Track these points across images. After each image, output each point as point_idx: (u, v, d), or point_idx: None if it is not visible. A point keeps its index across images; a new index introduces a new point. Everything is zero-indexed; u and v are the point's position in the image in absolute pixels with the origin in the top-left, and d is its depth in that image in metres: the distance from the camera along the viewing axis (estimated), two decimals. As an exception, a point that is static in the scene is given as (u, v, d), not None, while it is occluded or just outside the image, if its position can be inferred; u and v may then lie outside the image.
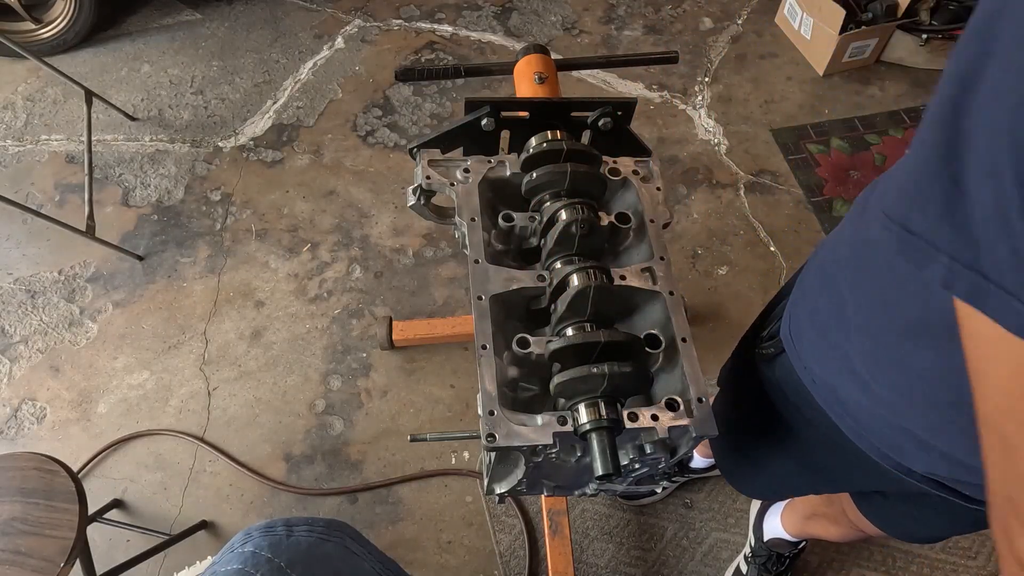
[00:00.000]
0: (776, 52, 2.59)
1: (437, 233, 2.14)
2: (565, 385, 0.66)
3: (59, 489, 1.23)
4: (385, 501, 1.70)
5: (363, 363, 1.91)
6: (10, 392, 1.86)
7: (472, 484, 1.72)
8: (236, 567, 0.61)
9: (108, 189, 2.24)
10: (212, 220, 2.17)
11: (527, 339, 0.73)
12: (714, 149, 2.35)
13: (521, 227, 0.85)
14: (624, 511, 1.69)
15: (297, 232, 2.15)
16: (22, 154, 2.33)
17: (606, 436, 0.65)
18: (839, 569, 1.63)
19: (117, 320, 1.98)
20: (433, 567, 1.63)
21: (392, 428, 1.81)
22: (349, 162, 2.31)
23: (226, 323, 1.97)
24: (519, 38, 2.67)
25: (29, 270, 2.07)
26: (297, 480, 1.73)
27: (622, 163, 0.91)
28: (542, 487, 0.85)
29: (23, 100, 2.46)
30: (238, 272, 2.07)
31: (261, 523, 0.67)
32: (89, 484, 1.71)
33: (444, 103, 2.47)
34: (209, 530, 1.67)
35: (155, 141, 2.36)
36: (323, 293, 2.03)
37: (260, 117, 2.43)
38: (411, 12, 2.76)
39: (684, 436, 0.73)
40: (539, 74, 1.21)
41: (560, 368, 0.71)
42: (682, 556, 1.65)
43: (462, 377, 1.88)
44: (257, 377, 1.88)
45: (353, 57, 2.61)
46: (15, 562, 1.15)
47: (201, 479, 1.73)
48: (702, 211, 2.20)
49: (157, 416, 1.82)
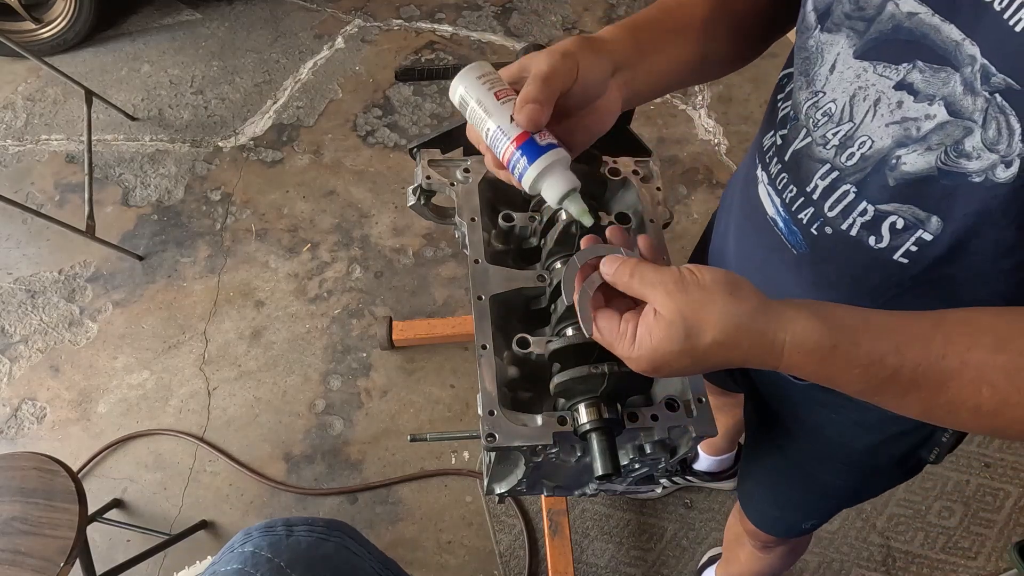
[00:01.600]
0: (776, 52, 2.58)
1: (437, 233, 2.14)
2: (565, 385, 0.66)
3: (59, 489, 1.23)
4: (385, 501, 1.70)
5: (363, 363, 1.91)
6: (10, 392, 1.86)
7: (472, 484, 1.72)
8: (236, 567, 0.61)
9: (108, 189, 2.24)
10: (212, 220, 2.18)
11: (527, 339, 0.73)
12: (714, 149, 2.35)
13: (521, 227, 0.85)
14: (624, 511, 1.70)
15: (297, 232, 2.15)
16: (22, 154, 2.33)
17: (606, 436, 0.65)
18: (839, 569, 1.63)
19: (117, 320, 1.98)
20: (433, 567, 1.63)
21: (392, 428, 1.81)
22: (349, 162, 2.31)
23: (226, 323, 1.97)
24: (519, 38, 2.67)
25: (29, 270, 2.07)
26: (297, 480, 1.73)
27: (622, 163, 0.91)
28: (542, 487, 0.85)
29: (23, 100, 2.46)
30: (238, 272, 2.07)
31: (261, 523, 0.67)
32: (89, 484, 1.71)
33: (444, 103, 2.47)
34: (209, 530, 1.67)
35: (155, 141, 2.36)
36: (323, 293, 2.03)
37: (260, 117, 2.43)
38: (411, 12, 2.76)
39: (684, 436, 0.73)
40: (539, 74, 1.21)
41: (560, 368, 0.71)
42: (682, 556, 1.65)
43: (462, 377, 1.88)
44: (257, 377, 1.88)
45: (353, 57, 2.61)
46: (15, 562, 1.15)
47: (201, 479, 1.73)
48: (702, 211, 2.20)
49: (157, 416, 1.82)
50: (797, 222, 0.65)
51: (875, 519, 1.69)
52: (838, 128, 0.59)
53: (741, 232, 0.78)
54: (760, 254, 0.73)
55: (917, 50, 0.52)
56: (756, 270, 0.74)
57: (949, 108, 0.50)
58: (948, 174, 0.52)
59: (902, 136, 0.54)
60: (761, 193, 0.70)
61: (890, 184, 0.55)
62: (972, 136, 0.49)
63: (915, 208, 0.55)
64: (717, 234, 0.91)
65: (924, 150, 0.52)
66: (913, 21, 0.51)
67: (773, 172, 0.68)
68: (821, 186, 0.61)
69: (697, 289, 0.48)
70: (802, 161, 0.63)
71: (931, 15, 0.50)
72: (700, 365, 0.50)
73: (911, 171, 0.54)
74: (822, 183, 0.61)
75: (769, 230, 0.69)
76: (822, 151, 0.61)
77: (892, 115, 0.54)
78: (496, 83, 0.57)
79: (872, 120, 0.56)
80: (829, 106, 0.59)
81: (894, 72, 0.54)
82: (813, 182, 0.62)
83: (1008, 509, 1.71)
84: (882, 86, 0.55)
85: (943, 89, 0.50)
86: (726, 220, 0.85)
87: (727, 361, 0.49)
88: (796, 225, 0.65)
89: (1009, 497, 1.72)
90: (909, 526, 1.69)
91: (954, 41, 0.49)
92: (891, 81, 0.54)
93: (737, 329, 0.47)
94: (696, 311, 0.48)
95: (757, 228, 0.72)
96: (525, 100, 0.53)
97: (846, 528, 1.68)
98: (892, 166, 0.55)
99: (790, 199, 0.65)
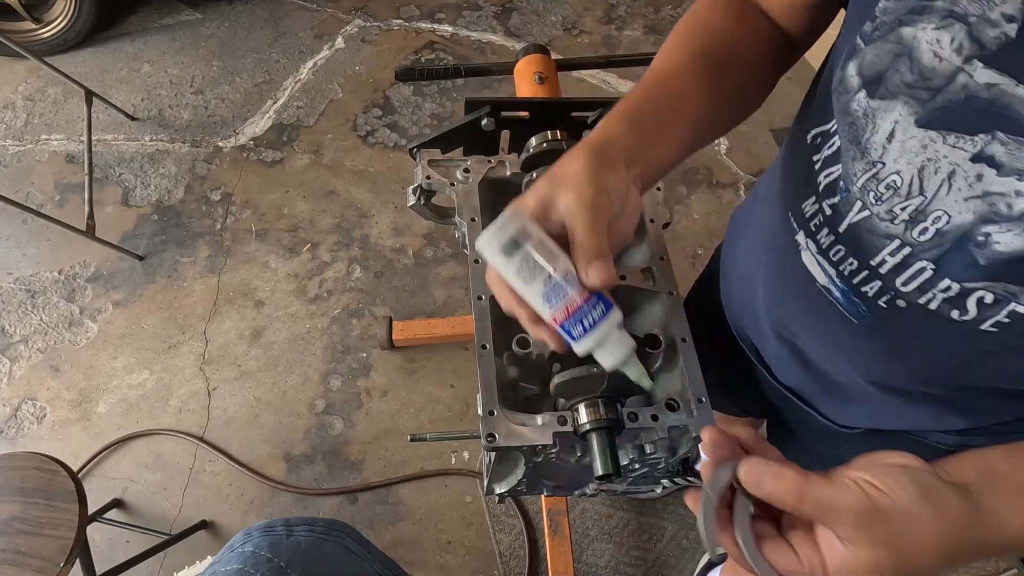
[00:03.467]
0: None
1: (437, 233, 2.14)
2: (565, 385, 0.66)
3: (59, 489, 1.23)
4: (385, 501, 1.70)
5: (363, 363, 1.91)
6: (10, 392, 1.86)
7: (472, 484, 1.72)
8: (236, 567, 0.61)
9: (108, 189, 2.24)
10: (212, 220, 2.18)
11: (527, 339, 0.73)
12: (714, 149, 2.35)
13: (521, 227, 0.85)
14: (624, 511, 1.69)
15: (297, 232, 2.15)
16: (22, 154, 2.33)
17: (606, 436, 0.65)
18: (839, 569, 1.63)
19: (117, 320, 1.98)
20: (433, 567, 1.63)
21: (392, 428, 1.81)
22: (349, 162, 2.31)
23: (226, 323, 1.97)
24: (519, 38, 2.67)
25: (29, 270, 2.07)
26: (297, 480, 1.73)
27: (622, 163, 0.91)
28: (542, 487, 0.85)
29: (23, 100, 2.46)
30: (238, 272, 2.07)
31: (261, 523, 0.67)
32: (89, 484, 1.71)
33: (444, 103, 2.47)
34: (209, 530, 1.67)
35: (155, 141, 2.36)
36: (323, 293, 2.03)
37: (260, 117, 2.43)
38: (411, 12, 2.76)
39: (684, 436, 0.73)
40: (539, 74, 1.21)
41: (560, 368, 0.71)
42: (682, 556, 1.65)
43: (462, 377, 1.88)
44: (257, 377, 1.88)
45: (353, 57, 2.61)
46: (15, 562, 1.15)
47: (201, 479, 1.73)
48: (702, 211, 2.20)
49: (157, 416, 1.82)
50: (860, 295, 0.60)
51: (875, 519, 1.69)
52: (907, 203, 0.54)
53: (779, 295, 0.73)
54: (809, 319, 0.68)
55: (996, 121, 0.47)
56: (809, 335, 0.70)
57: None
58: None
59: (987, 212, 0.49)
60: (807, 261, 0.64)
61: (980, 263, 0.51)
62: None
63: (1008, 284, 0.51)
64: (732, 282, 0.86)
65: (1021, 230, 0.48)
66: (992, 92, 0.47)
67: (824, 243, 0.62)
68: (891, 262, 0.56)
69: (898, 516, 0.41)
70: (863, 235, 0.58)
71: (1015, 86, 0.45)
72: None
73: (1005, 251, 0.49)
74: (892, 259, 0.56)
75: (822, 299, 0.64)
76: (888, 226, 0.56)
77: (972, 190, 0.50)
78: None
79: (948, 195, 0.51)
80: (893, 179, 0.54)
81: (969, 144, 0.49)
82: (880, 257, 0.57)
83: (1008, 509, 1.71)
84: (956, 158, 0.50)
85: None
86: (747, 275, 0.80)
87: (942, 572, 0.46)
88: (859, 297, 0.60)
89: (1009, 497, 1.72)
90: (909, 526, 1.69)
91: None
92: (967, 153, 0.49)
93: (959, 550, 0.43)
94: (905, 541, 0.42)
95: (803, 295, 0.66)
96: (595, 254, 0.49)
97: (846, 528, 1.68)
98: (980, 244, 0.50)
99: (850, 272, 0.60)
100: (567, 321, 0.51)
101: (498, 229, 0.51)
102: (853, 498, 0.42)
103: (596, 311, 0.51)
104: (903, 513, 0.41)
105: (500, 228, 0.51)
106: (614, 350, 0.53)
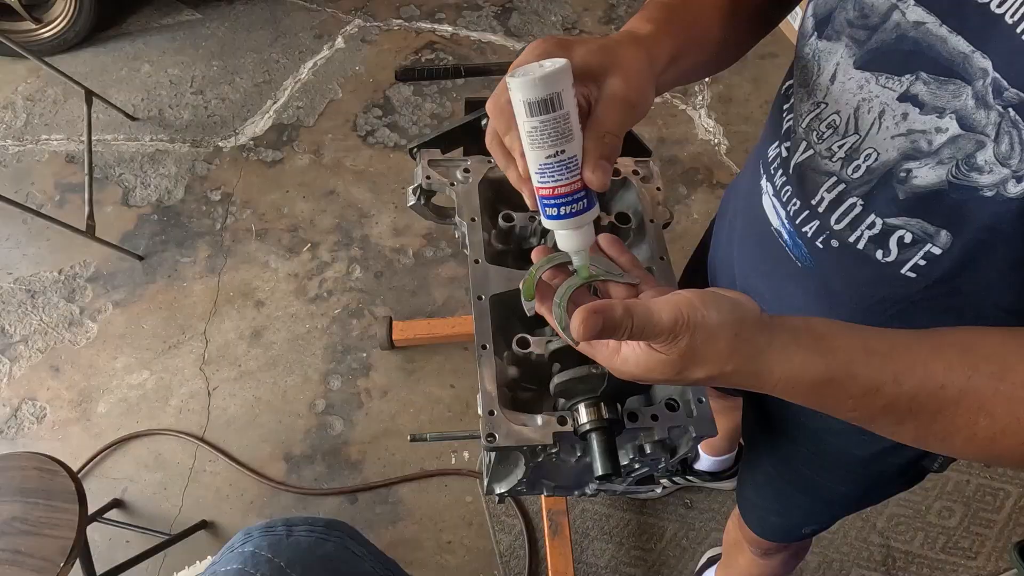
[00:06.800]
0: (776, 52, 2.59)
1: (437, 233, 2.14)
2: (565, 385, 0.66)
3: (59, 489, 1.23)
4: (385, 501, 1.70)
5: (363, 363, 1.91)
6: (10, 392, 1.86)
7: (472, 484, 1.72)
8: (236, 567, 0.61)
9: (108, 189, 2.24)
10: (212, 220, 2.18)
11: (527, 339, 0.73)
12: (714, 149, 2.35)
13: (521, 227, 0.85)
14: (624, 511, 1.70)
15: (297, 232, 2.15)
16: (22, 154, 2.33)
17: (606, 436, 0.65)
18: (839, 569, 1.63)
19: (117, 320, 1.98)
20: (433, 567, 1.63)
21: (392, 428, 1.81)
22: (349, 162, 2.31)
23: (226, 323, 1.97)
24: (519, 38, 2.67)
25: (29, 270, 2.07)
26: (297, 480, 1.73)
27: (622, 163, 0.91)
28: (542, 487, 0.85)
29: (23, 100, 2.46)
30: (238, 272, 2.07)
31: (261, 523, 0.67)
32: (89, 484, 1.71)
33: (444, 103, 2.47)
34: (209, 530, 1.67)
35: (155, 141, 2.36)
36: (323, 293, 2.03)
37: (260, 117, 2.43)
38: (411, 12, 2.76)
39: (684, 436, 0.73)
40: (539, 74, 1.21)
41: (560, 368, 0.71)
42: (682, 556, 1.65)
43: (462, 377, 1.88)
44: (257, 377, 1.88)
45: (353, 57, 2.61)
46: (15, 562, 1.15)
47: (201, 479, 1.73)
48: (702, 211, 2.20)
49: (157, 416, 1.82)
50: (802, 235, 0.64)
51: (875, 519, 1.69)
52: (843, 140, 0.58)
53: (745, 243, 0.78)
54: (765, 266, 0.72)
55: (920, 61, 0.51)
56: (761, 282, 0.74)
57: (961, 122, 0.49)
58: (959, 188, 0.51)
59: (909, 149, 0.53)
60: (765, 205, 0.69)
61: (899, 198, 0.54)
62: (984, 150, 0.48)
63: (924, 222, 0.54)
64: (718, 243, 0.90)
65: (935, 164, 0.51)
66: (919, 31, 0.50)
67: (778, 184, 0.67)
68: (827, 199, 0.61)
69: (703, 333, 0.45)
70: (807, 174, 0.62)
71: (939, 25, 0.49)
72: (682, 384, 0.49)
73: (922, 185, 0.53)
74: (828, 196, 0.60)
75: (774, 242, 0.69)
76: (828, 163, 0.60)
77: (897, 127, 0.53)
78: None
79: (878, 132, 0.55)
80: (833, 118, 0.59)
81: (897, 83, 0.53)
82: (819, 195, 0.61)
83: (1008, 509, 1.71)
84: (885, 98, 0.54)
85: (953, 102, 0.49)
86: (728, 229, 0.84)
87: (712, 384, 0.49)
88: (801, 238, 0.65)
89: (1009, 497, 1.72)
90: (909, 526, 1.69)
91: (962, 53, 0.48)
92: (894, 93, 0.53)
93: (735, 373, 0.46)
94: (696, 352, 0.45)
95: (761, 240, 0.71)
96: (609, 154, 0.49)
97: (846, 528, 1.68)
98: (901, 179, 0.54)
99: (795, 212, 0.64)
100: (550, 199, 0.51)
101: (540, 79, 0.45)
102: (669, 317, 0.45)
103: (579, 204, 0.51)
104: (705, 331, 0.45)
105: (543, 79, 0.45)
106: (576, 238, 0.52)
